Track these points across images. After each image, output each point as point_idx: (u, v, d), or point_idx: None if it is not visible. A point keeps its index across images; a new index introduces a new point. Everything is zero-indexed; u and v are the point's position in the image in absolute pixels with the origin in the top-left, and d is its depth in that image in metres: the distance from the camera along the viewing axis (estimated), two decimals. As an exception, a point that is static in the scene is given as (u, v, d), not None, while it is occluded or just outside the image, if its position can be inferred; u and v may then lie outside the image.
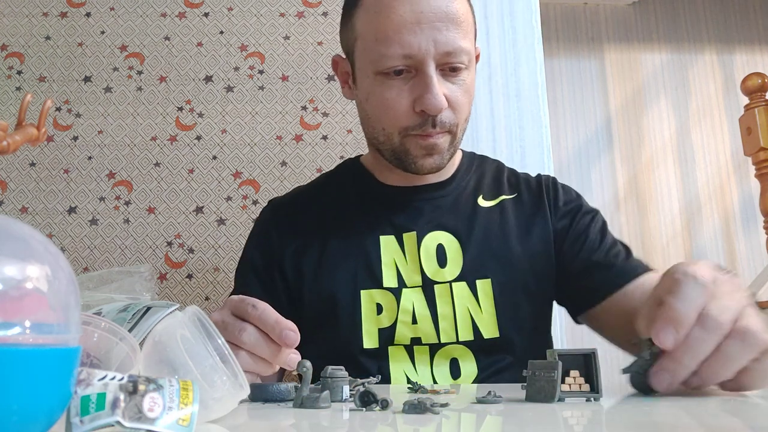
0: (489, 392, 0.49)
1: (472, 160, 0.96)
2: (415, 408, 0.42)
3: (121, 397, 0.28)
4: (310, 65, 1.45)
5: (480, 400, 0.48)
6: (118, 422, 0.28)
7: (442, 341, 0.80)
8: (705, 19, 3.22)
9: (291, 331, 0.57)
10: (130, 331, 0.54)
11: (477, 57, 0.87)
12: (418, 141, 0.80)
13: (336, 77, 0.91)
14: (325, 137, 1.41)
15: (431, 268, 0.83)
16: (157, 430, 0.29)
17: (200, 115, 1.42)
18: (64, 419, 0.28)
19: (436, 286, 0.82)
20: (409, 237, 0.85)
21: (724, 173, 3.08)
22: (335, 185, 0.96)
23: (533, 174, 0.96)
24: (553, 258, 0.87)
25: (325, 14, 1.48)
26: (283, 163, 1.40)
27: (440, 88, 0.76)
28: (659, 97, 3.13)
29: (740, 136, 2.17)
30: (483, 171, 0.94)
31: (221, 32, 1.47)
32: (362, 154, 1.00)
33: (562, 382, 0.46)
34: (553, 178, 0.94)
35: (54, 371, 0.27)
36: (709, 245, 3.00)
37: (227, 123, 1.42)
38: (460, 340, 0.80)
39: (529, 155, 1.44)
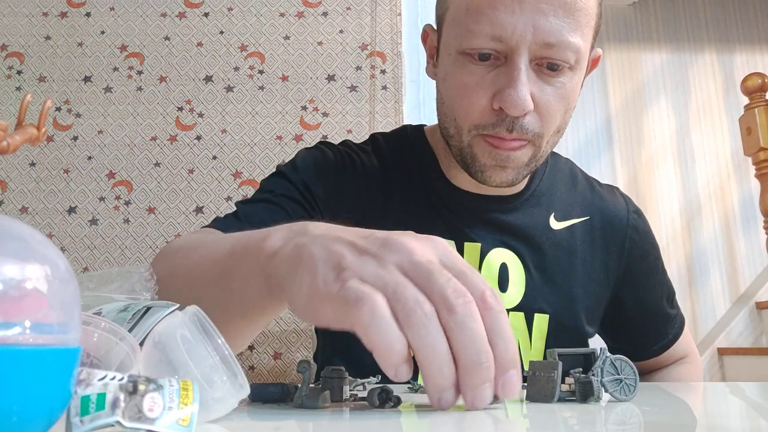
0: (489, 392, 0.48)
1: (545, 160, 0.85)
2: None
3: (121, 397, 0.28)
4: (310, 65, 1.45)
5: (480, 400, 0.48)
6: (118, 422, 0.28)
7: None
8: (705, 19, 3.22)
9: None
10: (130, 331, 0.54)
11: (595, 62, 0.73)
12: (488, 146, 0.66)
13: (424, 49, 0.79)
14: (325, 137, 1.41)
15: None
16: (157, 430, 0.29)
17: (200, 115, 1.42)
18: (64, 419, 0.28)
19: None
20: (472, 248, 0.76)
21: (724, 173, 3.08)
22: (394, 160, 0.81)
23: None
24: (606, 300, 0.82)
25: (325, 14, 1.48)
26: (283, 163, 1.40)
27: (528, 86, 0.62)
28: (659, 97, 3.13)
29: (740, 136, 2.17)
30: (555, 177, 0.84)
31: (221, 32, 1.47)
32: (425, 125, 0.86)
33: (562, 382, 0.46)
34: (638, 215, 0.85)
35: (54, 371, 0.27)
36: (709, 245, 2.99)
37: (227, 123, 1.42)
38: None
39: (529, 155, 1.43)
